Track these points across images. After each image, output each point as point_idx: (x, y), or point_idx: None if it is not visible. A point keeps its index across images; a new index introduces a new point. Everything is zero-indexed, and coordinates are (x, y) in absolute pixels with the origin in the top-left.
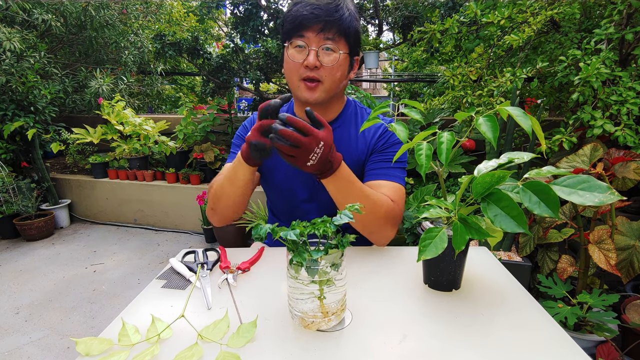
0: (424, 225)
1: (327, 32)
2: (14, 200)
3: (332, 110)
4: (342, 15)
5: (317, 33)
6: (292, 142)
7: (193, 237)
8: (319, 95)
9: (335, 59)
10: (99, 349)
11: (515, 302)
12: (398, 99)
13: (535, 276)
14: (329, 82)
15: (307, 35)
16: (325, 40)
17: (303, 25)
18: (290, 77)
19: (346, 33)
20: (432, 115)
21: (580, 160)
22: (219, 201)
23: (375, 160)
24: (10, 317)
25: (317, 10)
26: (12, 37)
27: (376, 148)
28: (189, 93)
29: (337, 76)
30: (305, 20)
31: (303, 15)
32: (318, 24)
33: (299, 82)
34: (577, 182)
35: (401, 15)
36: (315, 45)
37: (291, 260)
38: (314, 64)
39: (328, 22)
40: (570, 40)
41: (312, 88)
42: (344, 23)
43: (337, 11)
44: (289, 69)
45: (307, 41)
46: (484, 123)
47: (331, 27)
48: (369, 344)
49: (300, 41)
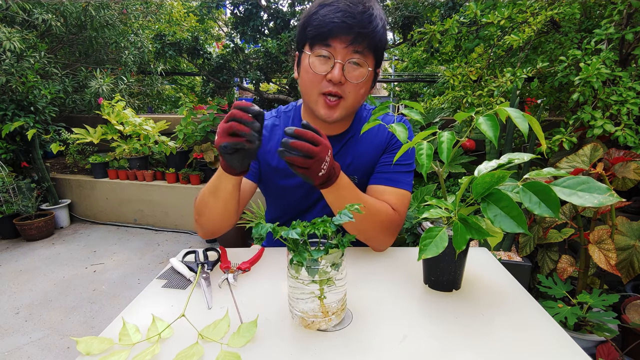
0: (424, 225)
1: (357, 45)
2: (14, 200)
3: (345, 121)
4: (376, 28)
5: (346, 45)
6: (305, 153)
7: (193, 237)
8: (339, 114)
9: (363, 74)
10: (99, 349)
11: (515, 302)
12: (398, 99)
13: (535, 276)
14: (352, 99)
15: (334, 46)
16: (353, 54)
17: (331, 34)
18: (309, 89)
19: (376, 47)
20: (432, 115)
21: (581, 160)
22: (200, 215)
23: (384, 163)
24: (10, 317)
25: (349, 18)
26: (12, 37)
27: (389, 146)
28: (189, 93)
29: (360, 93)
30: (336, 29)
31: (333, 22)
32: (349, 35)
33: (318, 97)
34: (576, 183)
35: (401, 15)
36: (342, 58)
37: (291, 260)
38: (339, 79)
39: (360, 34)
40: (570, 40)
41: (333, 106)
42: (377, 36)
43: (371, 22)
44: (309, 79)
45: (334, 52)
46: (485, 122)
47: (363, 40)
48: (369, 344)
49: (325, 51)
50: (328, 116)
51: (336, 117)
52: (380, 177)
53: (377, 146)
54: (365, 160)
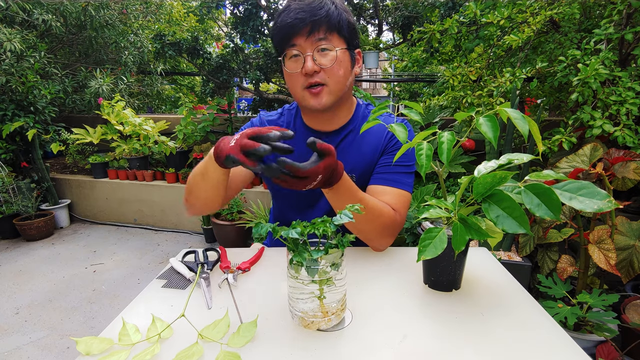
0: (424, 226)
1: (317, 33)
2: (14, 200)
3: (342, 115)
4: (329, 10)
5: (307, 37)
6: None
7: (193, 237)
8: (326, 99)
9: (333, 57)
10: (99, 349)
11: (515, 302)
12: (398, 99)
13: (535, 276)
14: (334, 82)
15: (298, 42)
16: (318, 42)
17: (291, 34)
18: (294, 89)
19: (337, 27)
20: (432, 115)
21: (580, 160)
22: (190, 193)
23: (384, 164)
24: (10, 317)
25: (300, 13)
26: (12, 37)
27: (387, 147)
28: (188, 93)
29: (340, 74)
30: (292, 28)
31: (288, 23)
32: (305, 27)
33: (303, 92)
34: (577, 188)
35: (401, 15)
36: (310, 49)
37: (291, 260)
38: (313, 69)
39: (315, 22)
40: (570, 40)
41: (317, 93)
42: (332, 18)
43: (322, 7)
44: (291, 82)
45: (300, 48)
46: (485, 123)
47: (320, 26)
48: (369, 344)
49: (294, 50)
50: (317, 104)
51: (325, 103)
52: (381, 177)
53: (376, 146)
54: (363, 159)
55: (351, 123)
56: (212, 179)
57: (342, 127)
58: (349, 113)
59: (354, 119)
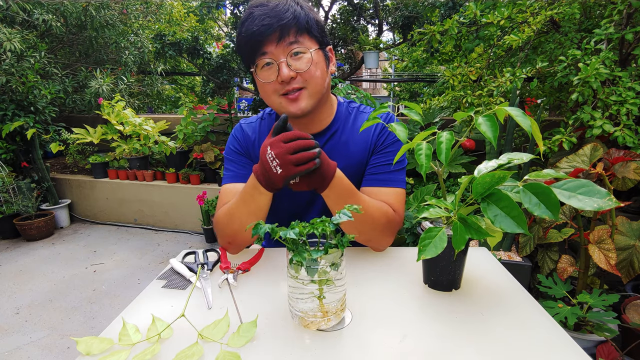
0: (424, 225)
1: (287, 37)
2: (14, 200)
3: (323, 116)
4: (295, 12)
5: (277, 42)
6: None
7: (193, 237)
8: (305, 103)
9: (309, 60)
10: (99, 348)
11: (515, 302)
12: (398, 99)
13: (535, 276)
14: (313, 84)
15: (269, 50)
16: (290, 46)
17: (260, 42)
18: (269, 99)
19: (307, 28)
20: (432, 115)
21: (580, 160)
22: (237, 234)
23: (376, 164)
24: (10, 317)
25: (266, 19)
26: (12, 37)
27: (377, 146)
28: (189, 93)
29: (318, 76)
30: (260, 35)
31: (255, 31)
32: (274, 32)
33: (279, 99)
34: (576, 186)
35: (401, 15)
36: (282, 55)
37: (291, 260)
38: (289, 75)
39: (283, 26)
40: (570, 40)
41: (295, 99)
42: (300, 19)
43: (287, 10)
44: (266, 92)
45: (272, 55)
46: (484, 123)
47: (289, 30)
48: (369, 344)
49: (265, 59)
50: (296, 109)
51: (304, 107)
52: (374, 178)
53: (364, 144)
54: (352, 159)
55: (334, 124)
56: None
57: (325, 128)
58: (331, 113)
59: (337, 119)
